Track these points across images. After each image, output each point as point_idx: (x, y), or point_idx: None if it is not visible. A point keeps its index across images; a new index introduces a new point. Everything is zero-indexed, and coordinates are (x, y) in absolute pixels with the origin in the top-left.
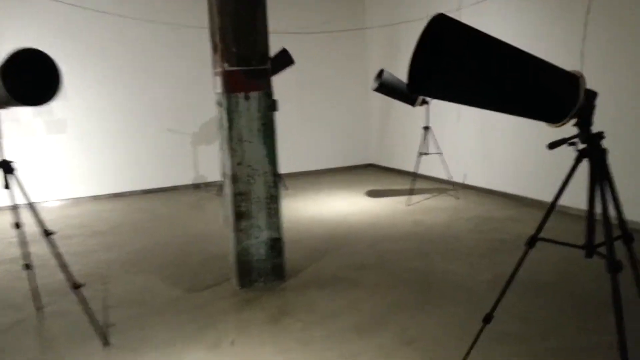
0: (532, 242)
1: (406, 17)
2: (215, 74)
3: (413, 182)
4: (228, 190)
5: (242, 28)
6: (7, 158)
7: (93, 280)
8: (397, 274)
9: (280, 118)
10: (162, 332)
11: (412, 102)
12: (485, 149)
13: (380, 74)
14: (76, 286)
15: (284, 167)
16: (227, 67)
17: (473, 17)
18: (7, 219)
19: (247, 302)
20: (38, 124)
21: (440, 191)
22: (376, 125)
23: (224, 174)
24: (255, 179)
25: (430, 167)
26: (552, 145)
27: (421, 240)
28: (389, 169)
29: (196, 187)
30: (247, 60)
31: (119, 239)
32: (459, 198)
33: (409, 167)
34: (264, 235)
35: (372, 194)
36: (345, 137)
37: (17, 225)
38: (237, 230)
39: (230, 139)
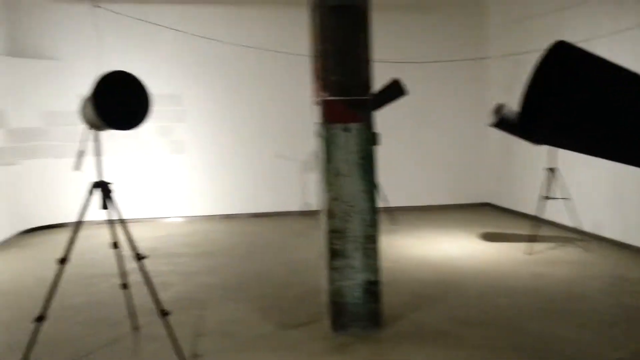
0: None
1: (532, 47)
2: (315, 103)
3: (535, 228)
4: (323, 226)
5: (343, 55)
6: (105, 179)
7: (191, 305)
8: (508, 336)
9: (392, 149)
10: None
11: (536, 141)
12: (621, 196)
13: (499, 109)
14: (164, 313)
15: (394, 201)
16: (326, 96)
17: (605, 48)
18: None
19: (338, 348)
20: (160, 144)
21: (567, 241)
22: (494, 162)
23: (321, 209)
24: (351, 216)
25: (555, 211)
26: None
27: (540, 298)
28: (507, 210)
29: (303, 214)
30: (347, 90)
31: (223, 262)
32: (589, 251)
33: (531, 210)
34: (360, 277)
35: (487, 237)
36: (461, 173)
37: (115, 245)
38: (331, 268)
39: (327, 172)
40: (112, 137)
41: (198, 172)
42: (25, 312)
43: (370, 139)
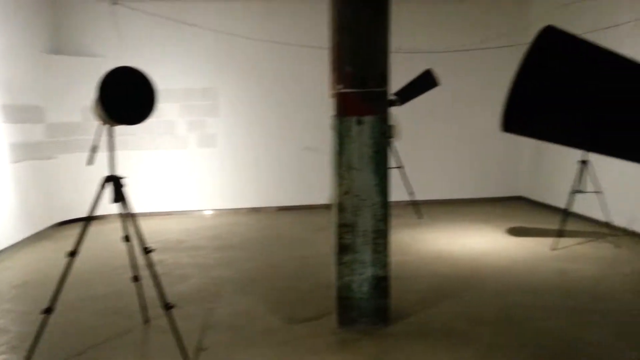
0: None
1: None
2: (331, 95)
3: (563, 222)
4: (333, 219)
5: (359, 45)
6: (118, 173)
7: (203, 297)
8: (522, 335)
9: (425, 139)
10: None
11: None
12: None
13: None
14: (167, 307)
15: (422, 194)
16: (340, 88)
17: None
18: (146, 224)
19: (343, 344)
20: (192, 138)
21: (597, 236)
22: (529, 154)
23: (332, 202)
24: (362, 210)
25: (588, 206)
26: None
27: (562, 295)
28: (541, 204)
29: (329, 207)
30: (363, 81)
31: (241, 255)
32: (619, 247)
33: (563, 204)
34: (368, 272)
35: (515, 231)
36: (494, 165)
37: (127, 239)
38: (340, 263)
39: (339, 165)
40: (149, 133)
41: (228, 166)
42: (44, 304)
43: (384, 132)
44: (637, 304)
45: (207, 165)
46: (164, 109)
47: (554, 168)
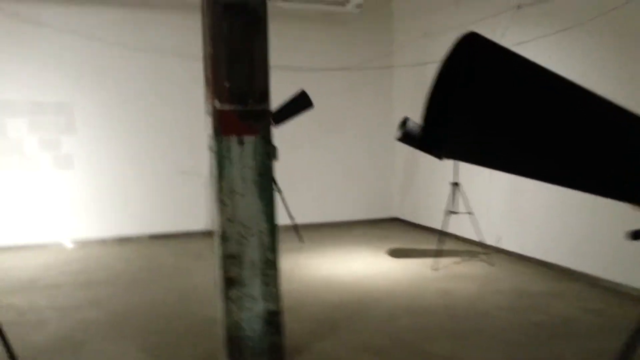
0: None
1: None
2: (207, 112)
3: (440, 242)
4: (217, 250)
5: (237, 59)
6: None
7: (64, 347)
8: None
9: (299, 162)
10: None
11: (438, 155)
12: (519, 210)
13: (404, 122)
14: None
15: (302, 217)
16: (218, 105)
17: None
18: None
19: None
20: (44, 158)
21: (471, 254)
22: (401, 176)
23: (214, 230)
24: (248, 239)
25: (459, 226)
26: (636, 235)
27: (448, 317)
28: (416, 224)
29: (207, 234)
30: (243, 98)
31: (109, 292)
32: (493, 265)
33: (437, 225)
34: (259, 307)
35: (395, 253)
36: (369, 187)
37: None
38: (226, 298)
39: (220, 190)
40: None
41: (90, 190)
42: None
43: (268, 153)
44: (514, 322)
45: (65, 190)
46: (7, 125)
47: (424, 190)
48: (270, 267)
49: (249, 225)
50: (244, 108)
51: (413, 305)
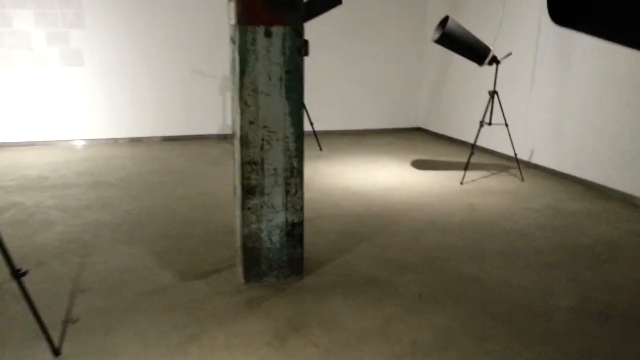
0: None
1: None
2: None
3: (470, 155)
4: (237, 155)
5: None
6: None
7: (72, 250)
8: (447, 283)
9: (319, 66)
10: (131, 343)
11: (480, 59)
12: (559, 124)
13: (444, 21)
14: (17, 274)
15: (320, 124)
16: None
17: None
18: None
19: (250, 304)
20: (52, 53)
21: (500, 169)
22: (429, 84)
23: (233, 133)
24: (272, 144)
25: (489, 138)
26: None
27: (478, 235)
28: (440, 135)
29: (222, 138)
30: None
31: (121, 194)
32: (523, 179)
33: (464, 136)
34: (280, 217)
35: (420, 164)
36: (394, 95)
37: None
38: (245, 208)
39: (242, 88)
40: None
41: (100, 88)
42: None
43: (298, 48)
44: (552, 243)
45: (75, 87)
46: (14, 17)
47: (452, 99)
48: (294, 175)
49: (273, 129)
50: None
51: (441, 221)
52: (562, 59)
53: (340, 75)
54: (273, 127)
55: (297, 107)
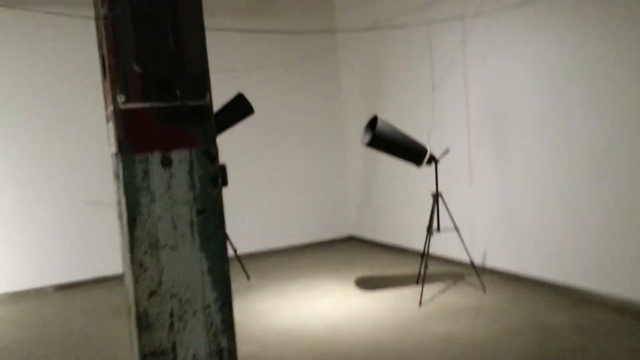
0: None
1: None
2: (107, 116)
3: (425, 269)
4: (134, 343)
5: (151, 21)
6: None
7: None
8: None
9: (236, 180)
10: None
11: (418, 160)
12: (510, 220)
13: (372, 122)
14: None
15: (243, 247)
16: (122, 101)
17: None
18: None
19: None
20: None
21: (456, 278)
22: (357, 188)
23: (128, 308)
24: (186, 320)
25: (434, 242)
26: None
27: None
28: (375, 243)
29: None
30: (166, 89)
31: None
32: (485, 291)
33: (401, 241)
34: None
35: (365, 284)
36: (320, 202)
37: None
38: None
39: (134, 244)
40: None
41: None
42: None
43: (213, 177)
44: None
45: None
46: None
47: (383, 202)
48: None
49: (187, 298)
50: (169, 104)
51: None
52: (499, 149)
53: (258, 187)
54: (186, 294)
55: (219, 261)
